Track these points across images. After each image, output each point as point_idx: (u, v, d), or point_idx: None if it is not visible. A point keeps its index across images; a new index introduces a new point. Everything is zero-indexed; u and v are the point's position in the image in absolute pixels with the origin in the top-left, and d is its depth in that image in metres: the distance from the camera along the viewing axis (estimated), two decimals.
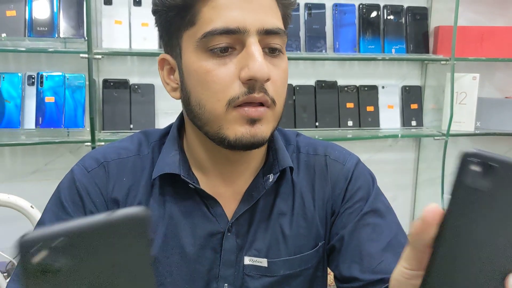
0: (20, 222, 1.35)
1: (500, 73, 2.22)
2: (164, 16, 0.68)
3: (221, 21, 0.63)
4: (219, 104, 0.64)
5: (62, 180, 0.75)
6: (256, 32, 0.63)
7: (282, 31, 0.66)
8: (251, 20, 0.63)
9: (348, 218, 0.75)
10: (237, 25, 0.62)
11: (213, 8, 0.63)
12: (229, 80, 0.63)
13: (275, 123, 0.69)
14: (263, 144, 0.67)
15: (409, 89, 2.09)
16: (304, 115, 1.95)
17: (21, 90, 1.70)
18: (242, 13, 0.63)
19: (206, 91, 0.65)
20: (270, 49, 0.66)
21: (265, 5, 0.65)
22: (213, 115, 0.65)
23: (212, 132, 0.66)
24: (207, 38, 0.63)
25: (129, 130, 1.80)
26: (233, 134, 0.64)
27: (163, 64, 0.74)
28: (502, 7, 2.16)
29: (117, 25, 1.78)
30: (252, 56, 0.62)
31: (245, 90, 0.63)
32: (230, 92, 0.63)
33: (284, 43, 0.68)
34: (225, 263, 0.73)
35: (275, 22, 0.65)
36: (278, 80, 0.66)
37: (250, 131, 0.64)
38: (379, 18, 2.01)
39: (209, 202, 0.73)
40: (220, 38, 0.63)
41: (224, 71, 0.64)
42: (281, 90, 0.67)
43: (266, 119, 0.66)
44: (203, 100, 0.66)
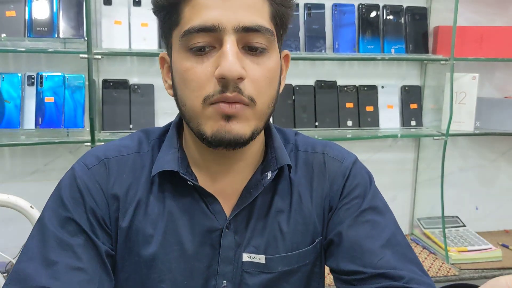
0: (20, 222, 1.35)
1: (500, 73, 2.22)
2: (158, 16, 0.70)
3: (199, 20, 0.63)
4: (196, 101, 0.65)
5: (63, 178, 0.75)
6: (232, 30, 0.63)
7: (264, 29, 0.65)
8: (227, 18, 0.63)
9: (345, 213, 0.76)
10: (212, 23, 0.63)
11: (193, 7, 0.64)
12: (205, 78, 0.64)
13: (258, 122, 0.68)
14: (243, 143, 0.67)
15: (409, 89, 2.09)
16: (304, 115, 1.95)
17: (21, 90, 1.70)
18: (220, 11, 0.63)
19: (186, 89, 0.66)
20: (250, 47, 0.66)
21: (246, 3, 0.65)
22: (192, 111, 0.66)
23: (195, 129, 0.68)
24: (186, 37, 0.64)
25: (129, 130, 1.80)
26: (209, 129, 0.65)
27: (163, 63, 0.76)
28: (502, 7, 2.16)
29: (116, 25, 1.78)
30: (224, 54, 0.63)
31: (219, 88, 0.64)
32: (206, 90, 0.64)
33: (270, 41, 0.67)
34: (224, 259, 0.74)
35: (255, 19, 0.65)
36: (260, 79, 0.66)
37: (225, 127, 0.65)
38: (378, 18, 2.01)
39: (208, 199, 0.74)
40: (197, 36, 0.64)
41: (201, 69, 0.65)
42: (264, 89, 0.67)
43: (244, 117, 0.65)
44: (184, 98, 0.67)
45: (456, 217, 2.17)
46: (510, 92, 2.23)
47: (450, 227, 2.10)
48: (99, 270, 0.69)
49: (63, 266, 0.66)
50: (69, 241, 0.68)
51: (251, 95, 0.65)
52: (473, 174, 2.25)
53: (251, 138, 0.67)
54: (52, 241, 0.68)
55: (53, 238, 0.68)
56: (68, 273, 0.66)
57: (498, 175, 2.28)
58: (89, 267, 0.68)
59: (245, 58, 0.65)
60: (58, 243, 0.68)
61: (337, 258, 0.75)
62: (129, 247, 0.74)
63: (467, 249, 1.92)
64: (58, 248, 0.68)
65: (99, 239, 0.71)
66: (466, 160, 2.24)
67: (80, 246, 0.69)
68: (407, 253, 0.74)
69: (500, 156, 2.28)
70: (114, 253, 0.74)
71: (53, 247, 0.68)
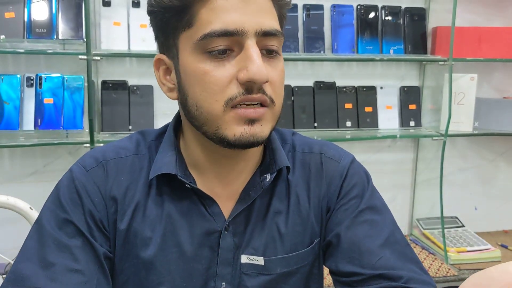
0: (19, 223, 1.35)
1: (498, 74, 2.23)
2: (160, 17, 0.69)
3: (220, 23, 0.63)
4: (217, 104, 0.65)
5: (61, 179, 0.75)
6: (254, 34, 0.64)
7: (279, 33, 0.67)
8: (249, 22, 0.63)
9: (344, 214, 0.76)
10: (235, 27, 0.63)
11: (211, 10, 0.64)
12: (226, 81, 0.64)
13: (274, 122, 0.70)
14: (262, 143, 0.68)
15: (408, 90, 2.09)
16: (303, 116, 1.95)
17: (20, 91, 1.70)
18: (240, 15, 0.63)
19: (204, 92, 0.65)
20: (268, 50, 0.67)
21: (263, 7, 0.65)
22: (211, 115, 0.66)
23: (211, 132, 0.67)
24: (205, 40, 0.64)
25: (128, 131, 1.80)
26: (232, 134, 0.65)
27: (159, 65, 0.74)
28: (500, 8, 2.17)
29: (115, 26, 1.78)
30: (251, 58, 0.63)
31: (243, 90, 0.64)
32: (228, 93, 0.64)
33: (281, 44, 0.69)
34: (223, 261, 0.74)
35: (273, 23, 0.66)
36: (276, 81, 0.67)
37: (249, 130, 0.65)
38: (377, 19, 2.01)
39: (206, 202, 0.74)
40: (218, 40, 0.63)
41: (222, 72, 0.64)
42: (279, 91, 0.69)
43: (265, 119, 0.67)
44: (200, 101, 0.66)
45: (455, 218, 2.17)
46: (509, 93, 2.24)
47: (449, 228, 2.11)
48: (96, 272, 0.69)
49: (60, 268, 0.66)
50: (67, 243, 0.68)
51: (272, 97, 0.67)
52: (472, 174, 2.25)
53: (267, 138, 0.69)
54: (50, 243, 0.68)
55: (51, 240, 0.68)
56: (66, 274, 0.66)
57: (497, 175, 2.28)
58: (86, 269, 0.68)
59: (264, 61, 0.66)
60: (56, 244, 0.68)
61: (336, 259, 0.75)
62: (127, 250, 0.74)
63: (466, 250, 1.92)
64: (56, 250, 0.68)
65: (97, 241, 0.71)
66: (465, 161, 2.24)
67: (77, 248, 0.68)
68: (406, 252, 0.74)
69: (499, 156, 2.28)
70: (112, 255, 0.74)
71: (51, 249, 0.68)
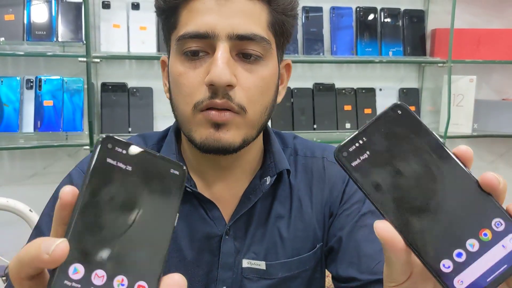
0: (19, 226, 1.35)
1: (497, 75, 2.23)
2: (159, 19, 0.71)
3: (193, 25, 0.63)
4: (187, 107, 0.65)
5: (60, 184, 0.75)
6: (226, 37, 0.62)
7: (259, 37, 0.64)
8: (222, 25, 0.62)
9: (346, 219, 0.76)
10: (205, 30, 0.62)
11: (189, 12, 0.64)
12: (197, 84, 0.64)
13: (249, 130, 0.67)
14: (233, 150, 0.66)
15: (407, 92, 2.10)
16: (302, 118, 1.96)
17: (20, 94, 1.70)
18: (215, 17, 0.62)
19: (179, 94, 0.66)
20: (244, 54, 0.65)
21: (241, 10, 0.64)
22: (183, 117, 0.66)
23: (186, 135, 0.68)
24: (180, 41, 0.64)
25: (128, 134, 1.80)
26: (198, 137, 0.65)
27: (164, 66, 0.75)
28: (498, 10, 2.17)
29: (115, 28, 1.78)
30: (214, 61, 0.62)
31: (209, 95, 0.63)
32: (196, 96, 0.64)
33: (266, 50, 0.66)
34: (223, 266, 0.73)
35: (250, 27, 0.64)
36: (251, 87, 0.65)
37: (214, 135, 0.64)
38: (376, 21, 2.02)
39: (207, 205, 0.73)
40: (191, 42, 0.63)
41: (193, 75, 0.64)
42: (256, 98, 0.66)
43: (234, 125, 0.64)
44: (176, 102, 0.67)
45: None
46: (508, 94, 2.24)
47: None
48: None
49: None
50: None
51: (241, 103, 0.64)
52: None
53: (241, 146, 0.67)
54: None
55: None
56: None
57: None
58: None
59: (238, 66, 0.64)
60: None
61: (336, 264, 0.75)
62: None
63: None
64: None
65: None
66: None
67: None
68: None
69: (498, 157, 2.28)
70: None
71: None
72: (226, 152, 0.65)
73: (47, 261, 0.31)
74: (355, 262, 0.72)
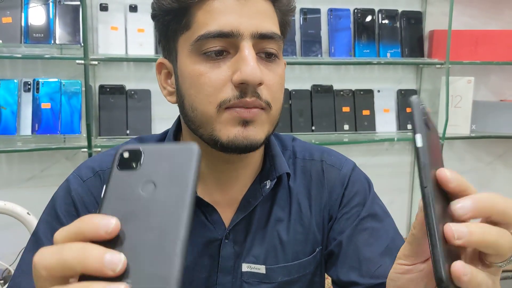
0: (17, 229, 1.34)
1: (495, 76, 2.23)
2: (162, 20, 0.69)
3: (215, 25, 0.63)
4: (210, 106, 0.64)
5: (57, 190, 0.74)
6: (250, 36, 0.63)
7: (278, 36, 0.66)
8: (245, 24, 0.63)
9: (346, 223, 0.76)
10: (230, 29, 0.62)
11: (208, 12, 0.64)
12: (221, 83, 0.63)
13: (271, 127, 0.68)
14: (257, 148, 0.66)
15: (405, 93, 2.10)
16: (301, 119, 1.95)
17: (17, 96, 1.69)
18: (237, 17, 0.63)
19: (199, 94, 0.65)
20: (265, 53, 0.66)
21: (260, 10, 0.65)
22: (205, 117, 0.65)
23: (206, 135, 0.66)
24: (201, 41, 0.63)
25: (126, 136, 1.80)
26: (225, 135, 0.64)
27: (161, 69, 0.74)
28: (496, 11, 2.18)
29: (113, 31, 1.78)
30: (245, 59, 0.62)
31: (237, 93, 0.63)
32: (222, 95, 0.63)
33: (280, 49, 0.68)
34: (223, 270, 0.73)
35: (270, 26, 0.65)
36: (274, 85, 0.66)
37: (243, 132, 0.64)
38: (374, 23, 2.02)
39: (206, 209, 0.72)
40: (213, 41, 0.63)
41: (217, 74, 0.64)
42: (277, 95, 0.67)
43: (260, 121, 0.65)
44: (195, 103, 0.66)
45: None
46: (506, 95, 2.25)
47: None
48: None
49: None
50: None
51: (268, 100, 0.65)
52: (470, 177, 2.25)
53: (263, 143, 0.67)
54: None
55: None
56: None
57: (494, 177, 2.28)
58: None
59: (260, 64, 0.65)
60: None
61: (337, 268, 0.74)
62: None
63: None
64: None
65: None
66: (462, 163, 2.25)
67: None
68: None
69: (497, 158, 2.28)
70: None
71: None
72: (251, 150, 0.66)
73: (109, 276, 0.33)
74: (355, 266, 0.72)
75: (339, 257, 0.74)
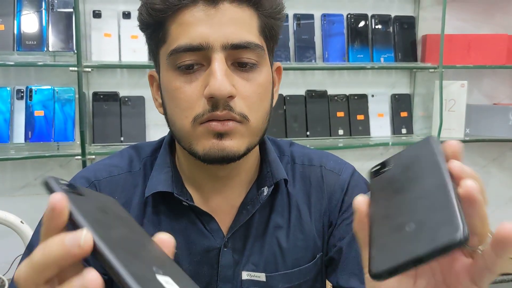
0: (10, 237, 1.33)
1: (488, 80, 2.24)
2: (145, 33, 0.69)
3: (185, 38, 0.62)
4: (186, 121, 0.64)
5: None
6: (220, 48, 0.62)
7: (254, 45, 0.64)
8: (215, 36, 0.61)
9: (346, 229, 0.75)
10: (199, 42, 0.61)
11: (180, 25, 0.63)
12: (195, 97, 0.63)
13: (252, 138, 0.66)
14: (237, 159, 0.65)
15: (399, 97, 2.11)
16: (295, 125, 1.95)
17: (10, 104, 1.68)
18: (207, 28, 0.61)
19: (176, 108, 0.65)
20: (240, 63, 0.64)
21: (233, 18, 0.63)
22: (182, 131, 0.65)
23: (186, 148, 0.66)
24: (173, 55, 0.63)
25: (120, 143, 1.79)
26: (201, 148, 0.64)
27: (153, 81, 0.74)
28: (488, 16, 2.19)
29: (106, 38, 1.77)
30: (213, 73, 0.61)
31: (209, 107, 0.62)
32: (195, 110, 0.63)
33: (260, 56, 0.65)
34: (223, 278, 0.72)
35: (244, 35, 0.63)
36: (251, 95, 0.64)
37: (217, 145, 0.63)
38: (367, 28, 2.03)
39: (204, 218, 0.72)
40: (184, 55, 0.62)
41: (191, 88, 0.63)
42: (256, 105, 0.65)
43: (238, 133, 0.64)
44: (173, 117, 0.66)
45: None
46: (499, 99, 2.26)
47: None
48: None
49: None
50: None
51: (243, 112, 0.63)
52: None
53: (245, 154, 0.66)
54: None
55: None
56: None
57: (489, 181, 2.29)
58: None
59: (234, 75, 0.63)
60: None
61: (337, 275, 0.74)
62: None
63: None
64: None
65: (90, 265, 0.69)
66: None
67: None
68: None
69: (491, 162, 2.29)
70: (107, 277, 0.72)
71: None
72: (230, 161, 0.65)
73: (79, 253, 0.33)
74: (356, 273, 0.71)
75: (339, 263, 0.74)
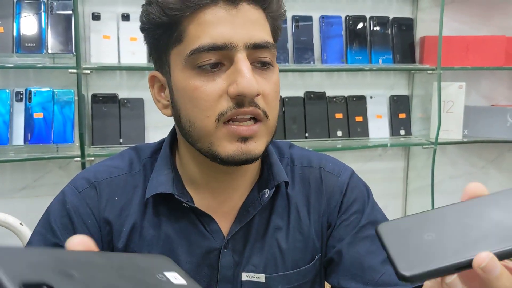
0: (10, 239, 1.33)
1: (486, 81, 2.25)
2: (152, 33, 0.68)
3: (208, 38, 0.62)
4: (208, 120, 0.64)
5: (52, 202, 0.74)
6: (244, 47, 0.63)
7: (271, 45, 0.65)
8: (238, 35, 0.62)
9: (345, 230, 0.75)
10: (224, 41, 0.62)
11: (200, 24, 0.63)
12: (217, 95, 0.63)
13: (269, 137, 0.68)
14: (257, 159, 0.66)
15: (397, 99, 2.11)
16: (294, 126, 1.96)
17: (9, 106, 1.69)
18: (229, 28, 0.62)
19: (195, 108, 0.64)
20: (260, 62, 0.65)
21: (252, 19, 0.64)
22: (203, 132, 0.65)
23: (204, 149, 0.66)
24: (194, 55, 0.63)
25: (119, 145, 1.79)
26: (224, 151, 0.64)
27: (154, 82, 0.73)
28: (486, 17, 2.20)
29: (105, 40, 1.78)
30: (241, 72, 0.62)
31: (233, 105, 0.63)
32: (218, 108, 0.63)
33: (274, 56, 0.67)
34: (223, 279, 0.72)
35: (263, 35, 0.65)
36: (270, 94, 0.66)
37: (242, 148, 0.64)
38: (365, 30, 2.03)
39: (204, 219, 0.72)
40: (207, 54, 0.63)
41: (212, 87, 0.63)
42: (274, 103, 0.67)
43: (259, 135, 0.65)
44: (192, 117, 0.65)
45: None
46: (497, 100, 2.26)
47: None
48: None
49: None
50: None
51: (265, 110, 0.65)
52: (463, 181, 2.26)
53: (262, 154, 0.67)
54: None
55: None
56: None
57: (487, 182, 2.29)
58: None
59: (255, 74, 0.64)
60: None
61: (338, 276, 0.74)
62: None
63: None
64: None
65: None
66: (455, 168, 2.26)
67: None
68: None
69: (489, 163, 2.30)
70: None
71: None
72: (251, 162, 0.66)
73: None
74: (358, 275, 0.71)
75: (339, 264, 0.74)
